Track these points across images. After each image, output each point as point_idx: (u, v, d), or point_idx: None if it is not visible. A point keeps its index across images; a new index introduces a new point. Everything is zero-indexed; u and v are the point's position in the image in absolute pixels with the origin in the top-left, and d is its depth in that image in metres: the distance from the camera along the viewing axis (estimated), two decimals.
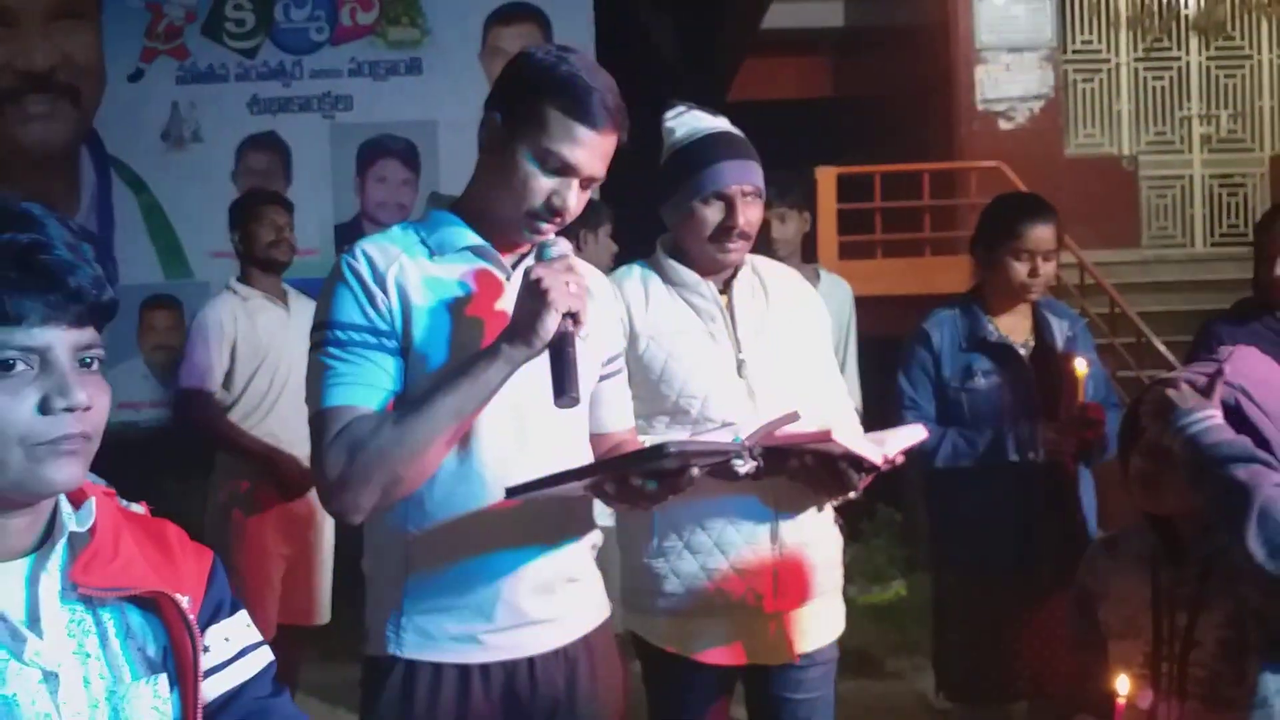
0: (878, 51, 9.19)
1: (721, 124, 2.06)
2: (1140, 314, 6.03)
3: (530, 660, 1.56)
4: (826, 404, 2.10)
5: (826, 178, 6.77)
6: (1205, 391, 1.61)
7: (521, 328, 1.43)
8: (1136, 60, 7.99)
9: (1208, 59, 8.00)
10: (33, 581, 0.97)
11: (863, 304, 3.76)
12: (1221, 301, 3.02)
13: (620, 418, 1.76)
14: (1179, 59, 8.01)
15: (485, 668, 1.54)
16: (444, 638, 1.53)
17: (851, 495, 1.86)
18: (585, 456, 1.63)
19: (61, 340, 0.93)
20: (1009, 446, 2.48)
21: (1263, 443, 1.56)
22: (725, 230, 1.98)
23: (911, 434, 1.86)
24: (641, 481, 1.47)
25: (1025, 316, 2.61)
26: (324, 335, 1.50)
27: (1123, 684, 1.57)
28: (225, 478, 3.36)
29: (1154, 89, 8.02)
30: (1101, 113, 7.99)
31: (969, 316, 2.60)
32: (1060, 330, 2.59)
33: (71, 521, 1.00)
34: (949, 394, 2.56)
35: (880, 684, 4.08)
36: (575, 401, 1.45)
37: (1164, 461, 1.65)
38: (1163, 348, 5.59)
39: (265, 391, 3.34)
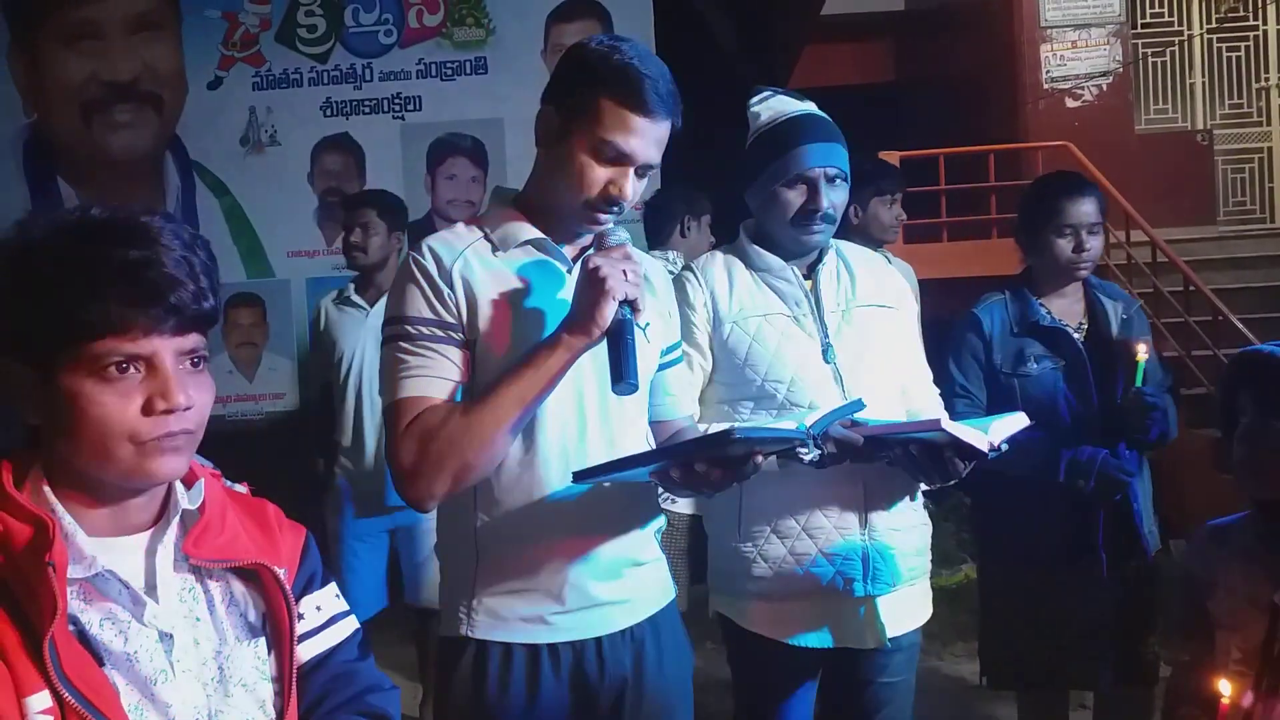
0: (940, 33, 9.06)
1: (806, 106, 2.03)
2: (1216, 291, 5.88)
3: (598, 641, 1.59)
4: (912, 388, 2.09)
5: (890, 162, 6.72)
6: None
7: (581, 316, 1.46)
8: (1210, 31, 7.78)
9: None
10: (150, 553, 1.07)
11: (929, 287, 3.75)
12: None
13: (680, 405, 1.78)
14: (1255, 28, 7.78)
15: (554, 648, 1.57)
16: (514, 619, 1.57)
17: (951, 483, 1.83)
18: (646, 444, 1.66)
19: (166, 347, 1.02)
20: (1058, 437, 2.38)
21: None
22: (808, 213, 1.97)
23: (1015, 421, 1.81)
24: (706, 468, 1.47)
25: (1078, 299, 2.55)
26: (395, 330, 1.54)
27: (1225, 686, 1.50)
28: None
29: (1229, 60, 7.80)
30: (1174, 86, 7.79)
31: (1020, 301, 2.53)
32: (1115, 312, 2.51)
33: (184, 500, 1.10)
34: (1001, 380, 2.48)
35: (949, 665, 4.07)
36: (634, 388, 1.47)
37: (1269, 445, 1.58)
38: (1240, 325, 5.46)
39: (341, 391, 3.39)
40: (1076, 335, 2.50)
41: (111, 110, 5.69)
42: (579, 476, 1.49)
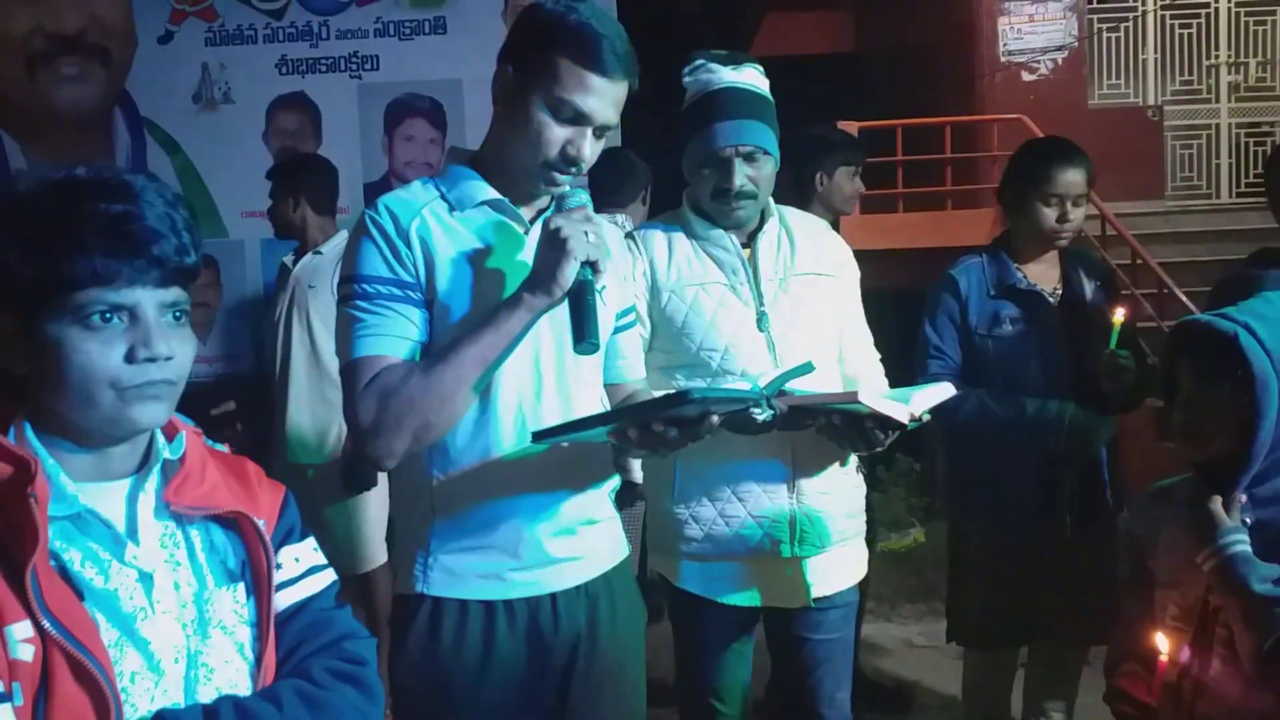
0: (899, 4, 9.08)
1: (729, 79, 2.01)
2: (1163, 264, 6.01)
3: (553, 596, 1.62)
4: (851, 357, 2.12)
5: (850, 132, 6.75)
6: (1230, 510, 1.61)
7: (542, 276, 1.47)
8: (1163, 8, 7.88)
9: (1236, 5, 7.87)
10: (132, 499, 1.11)
11: (885, 257, 3.80)
12: (1245, 251, 2.97)
13: (633, 368, 1.80)
14: (1207, 6, 7.90)
15: (510, 604, 1.60)
16: (470, 576, 1.59)
17: (877, 450, 1.86)
18: (601, 405, 1.68)
19: (148, 298, 1.06)
20: (1029, 399, 2.43)
21: (1249, 379, 1.56)
22: (722, 192, 1.99)
23: (939, 391, 1.84)
24: (663, 428, 1.49)
25: (1054, 265, 2.57)
26: (351, 289, 1.54)
27: (1162, 642, 1.57)
28: None
29: (1181, 36, 7.91)
30: (1127, 62, 7.90)
31: (997, 264, 2.55)
32: (1089, 279, 2.55)
33: (166, 450, 1.14)
34: (975, 342, 2.52)
35: (897, 628, 4.17)
36: (595, 348, 1.49)
37: (1205, 411, 1.63)
38: (1184, 298, 5.59)
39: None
40: (1051, 300, 2.53)
41: (57, 63, 5.53)
42: (538, 436, 1.50)
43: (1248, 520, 1.60)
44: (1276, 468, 1.60)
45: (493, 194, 1.59)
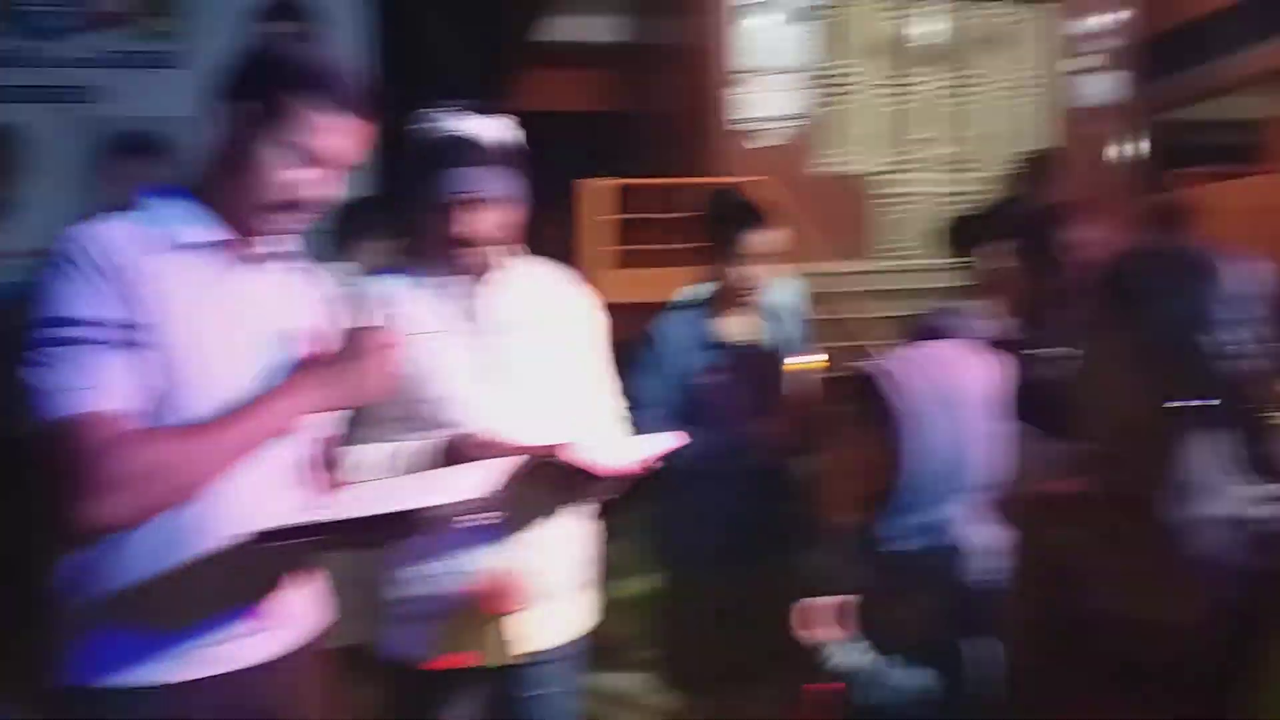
0: (649, 69, 9.62)
1: (462, 127, 1.93)
2: (866, 320, 6.57)
3: (250, 669, 1.50)
4: (587, 408, 2.05)
5: (590, 190, 7.07)
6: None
7: (338, 388, 1.48)
8: (879, 85, 8.79)
9: (944, 87, 8.91)
10: None
11: (646, 310, 3.86)
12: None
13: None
14: (918, 86, 8.87)
15: (201, 681, 1.46)
16: (149, 659, 1.44)
17: (596, 501, 1.85)
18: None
19: None
20: (727, 444, 2.55)
21: (886, 414, 1.64)
22: (450, 239, 1.91)
23: (668, 440, 1.82)
24: (382, 538, 1.47)
25: (750, 317, 2.72)
26: (61, 332, 1.35)
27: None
28: None
29: (894, 113, 8.84)
30: (846, 134, 8.73)
31: (696, 318, 2.71)
32: (778, 329, 2.73)
33: None
34: (677, 393, 2.63)
35: (628, 676, 3.90)
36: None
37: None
38: (879, 351, 6.14)
39: None
40: (747, 351, 2.68)
41: None
42: (258, 538, 1.39)
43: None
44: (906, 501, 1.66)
45: (214, 229, 1.47)
